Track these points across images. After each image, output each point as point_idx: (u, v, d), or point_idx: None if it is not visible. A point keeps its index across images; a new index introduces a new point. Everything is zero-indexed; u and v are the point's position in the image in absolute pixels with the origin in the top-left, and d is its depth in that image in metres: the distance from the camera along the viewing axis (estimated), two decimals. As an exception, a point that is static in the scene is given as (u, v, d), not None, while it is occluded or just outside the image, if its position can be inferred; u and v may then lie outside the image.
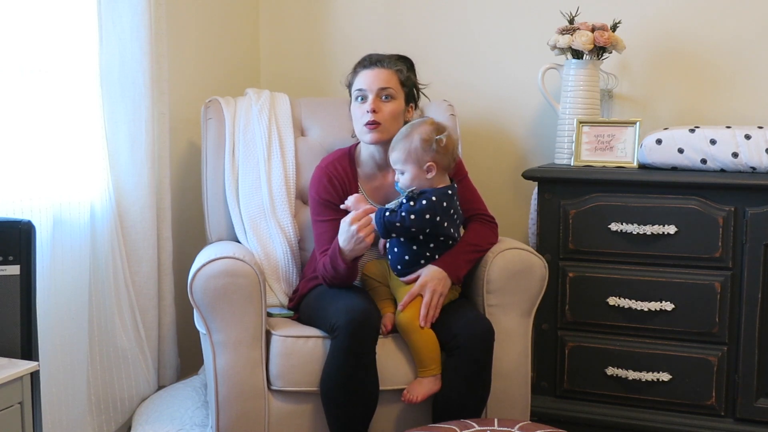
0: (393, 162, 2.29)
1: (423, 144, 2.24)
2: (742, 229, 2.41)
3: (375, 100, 2.36)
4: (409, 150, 2.25)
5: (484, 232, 2.41)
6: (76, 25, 2.31)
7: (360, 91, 2.39)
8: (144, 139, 2.52)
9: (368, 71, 2.40)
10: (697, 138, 2.48)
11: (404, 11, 3.21)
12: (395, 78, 2.40)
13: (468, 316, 2.24)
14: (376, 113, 2.35)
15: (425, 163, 2.25)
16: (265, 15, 3.39)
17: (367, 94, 2.38)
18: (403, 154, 2.25)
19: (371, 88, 2.37)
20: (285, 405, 2.24)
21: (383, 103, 2.37)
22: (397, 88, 2.40)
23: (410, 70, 2.48)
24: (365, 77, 2.39)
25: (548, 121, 3.00)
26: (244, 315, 2.21)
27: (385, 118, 2.35)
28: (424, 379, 2.21)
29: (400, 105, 2.40)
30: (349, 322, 2.12)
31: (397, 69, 2.42)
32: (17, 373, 1.69)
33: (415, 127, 2.28)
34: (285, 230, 2.58)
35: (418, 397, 2.19)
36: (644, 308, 2.52)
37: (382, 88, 2.37)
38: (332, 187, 2.40)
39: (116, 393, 2.50)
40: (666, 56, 2.90)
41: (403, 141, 2.26)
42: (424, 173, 2.26)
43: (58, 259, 2.23)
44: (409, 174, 2.26)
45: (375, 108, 2.35)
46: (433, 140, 2.24)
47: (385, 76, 2.39)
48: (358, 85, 2.40)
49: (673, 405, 2.53)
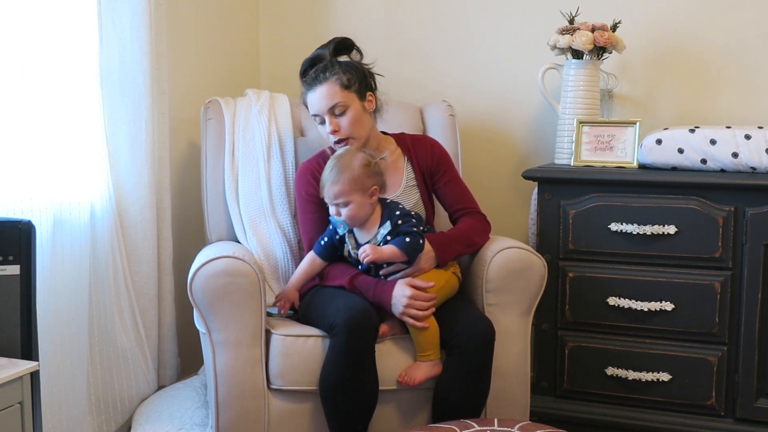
0: (332, 197, 2.26)
1: (365, 170, 2.24)
2: (742, 229, 2.41)
3: (331, 120, 2.36)
4: (353, 179, 2.23)
5: (479, 229, 2.42)
6: (76, 25, 2.31)
7: (316, 116, 2.40)
8: (144, 139, 2.52)
9: (312, 94, 2.39)
10: (697, 138, 2.48)
11: (404, 11, 3.21)
12: (336, 88, 2.36)
13: (469, 315, 2.24)
14: (338, 132, 2.35)
15: (370, 188, 2.25)
16: (265, 15, 3.39)
17: (322, 116, 2.38)
18: (347, 185, 2.23)
19: (322, 111, 2.37)
20: (285, 404, 2.24)
21: (340, 119, 2.36)
22: (344, 96, 2.36)
23: (349, 65, 2.42)
24: (313, 100, 2.39)
25: (548, 121, 3.00)
26: (243, 314, 2.21)
27: (349, 131, 2.36)
28: (422, 363, 2.21)
29: (356, 108, 2.37)
30: (348, 320, 2.12)
31: (334, 76, 2.37)
32: (17, 373, 1.69)
33: (346, 157, 2.27)
34: (285, 230, 2.58)
35: (415, 380, 2.19)
36: (644, 308, 2.51)
37: (330, 108, 2.36)
38: (316, 182, 2.38)
39: (116, 393, 2.50)
40: (666, 56, 2.90)
41: (343, 173, 2.24)
42: (369, 199, 2.26)
43: (58, 259, 2.23)
44: (354, 204, 2.24)
45: (334, 128, 2.35)
46: (373, 163, 2.25)
47: (326, 92, 2.35)
48: (312, 110, 2.41)
49: (673, 405, 2.53)
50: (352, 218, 2.26)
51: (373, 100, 2.45)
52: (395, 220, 2.27)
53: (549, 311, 2.62)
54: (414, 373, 2.20)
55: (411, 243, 2.24)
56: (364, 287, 2.26)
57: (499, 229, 2.48)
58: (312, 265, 2.39)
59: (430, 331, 2.21)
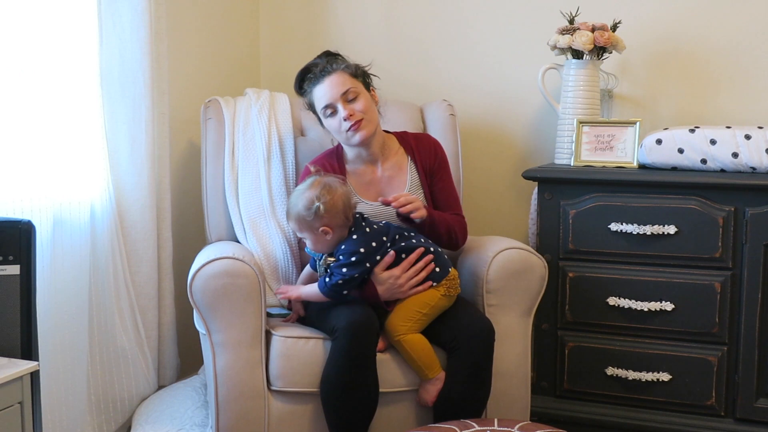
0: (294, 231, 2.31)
1: (307, 214, 2.22)
2: (742, 229, 2.41)
3: (345, 106, 2.35)
4: (298, 221, 2.25)
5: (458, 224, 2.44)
6: (76, 25, 2.31)
7: (327, 107, 2.37)
8: (144, 139, 2.52)
9: (322, 85, 2.38)
10: (697, 138, 2.48)
11: (404, 11, 3.21)
12: (346, 75, 2.38)
13: (468, 315, 2.25)
14: (353, 115, 2.34)
15: (319, 229, 2.24)
16: (265, 15, 3.39)
17: (334, 104, 2.36)
18: (296, 224, 2.26)
19: (335, 98, 2.36)
20: (285, 405, 2.24)
21: (353, 104, 2.36)
22: (354, 83, 2.38)
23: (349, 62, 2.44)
24: (323, 91, 2.37)
25: (548, 121, 3.00)
26: (243, 315, 2.21)
27: (363, 114, 2.35)
28: (427, 383, 2.22)
29: (366, 96, 2.39)
30: (350, 323, 2.12)
31: (342, 65, 2.40)
32: (17, 373, 1.69)
33: (294, 196, 2.28)
34: (285, 230, 2.58)
35: (430, 402, 2.21)
36: (644, 308, 2.52)
37: (343, 92, 2.35)
38: None
39: (116, 393, 2.50)
40: (666, 56, 2.90)
41: (291, 212, 2.27)
42: (323, 236, 2.25)
43: (58, 259, 2.23)
44: (310, 241, 2.27)
45: (349, 113, 2.34)
46: (313, 209, 2.21)
47: (337, 80, 2.36)
48: (322, 103, 2.38)
49: (673, 405, 2.53)
50: (314, 250, 2.29)
51: (375, 95, 2.46)
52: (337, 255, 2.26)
53: (549, 311, 2.62)
54: (425, 396, 2.22)
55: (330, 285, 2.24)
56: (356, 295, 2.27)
57: (499, 229, 2.48)
58: (312, 277, 2.41)
59: (424, 350, 2.21)
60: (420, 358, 2.20)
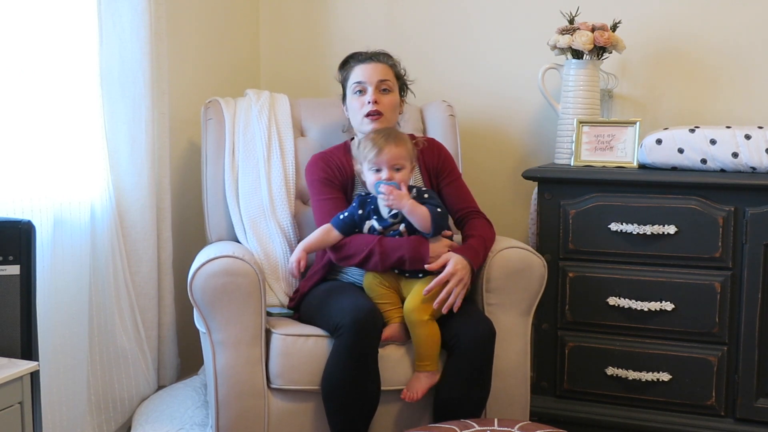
0: (389, 159, 2.26)
1: (412, 146, 2.34)
2: (742, 229, 2.41)
3: (375, 92, 2.42)
4: (408, 147, 2.31)
5: (491, 232, 2.41)
6: (76, 25, 2.31)
7: (359, 83, 2.44)
8: (144, 139, 2.52)
9: (365, 65, 2.46)
10: (697, 138, 2.48)
11: (404, 11, 3.21)
12: (391, 72, 2.49)
13: (469, 315, 2.24)
14: (378, 104, 2.40)
15: (413, 164, 2.33)
16: (265, 15, 3.39)
17: (366, 86, 2.43)
18: (406, 151, 2.30)
19: (371, 81, 2.42)
20: (285, 404, 2.24)
21: (382, 95, 2.43)
22: (393, 81, 2.48)
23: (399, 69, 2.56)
24: (363, 70, 2.45)
25: (548, 121, 3.00)
26: (243, 314, 2.21)
27: (386, 109, 2.42)
28: (421, 374, 2.21)
29: (396, 97, 2.48)
30: (354, 321, 2.12)
31: (391, 64, 2.50)
32: (17, 373, 1.69)
33: (397, 131, 2.37)
34: (285, 230, 2.58)
35: (418, 394, 2.19)
36: (644, 308, 2.51)
37: (381, 80, 2.43)
38: (329, 168, 2.44)
39: (116, 393, 2.50)
40: (666, 56, 2.90)
41: (402, 139, 2.31)
42: (410, 174, 2.33)
43: (58, 259, 2.23)
44: (406, 170, 2.30)
45: (376, 98, 2.40)
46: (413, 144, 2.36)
47: (382, 69, 2.46)
48: (357, 78, 2.45)
49: (673, 405, 2.53)
50: (405, 181, 2.29)
51: (403, 104, 2.56)
52: (421, 192, 2.32)
53: (549, 311, 2.62)
54: (415, 387, 2.20)
55: (442, 214, 2.30)
56: (395, 245, 2.25)
57: (499, 229, 2.48)
58: (327, 235, 2.33)
59: (433, 339, 2.21)
60: (431, 347, 2.20)
